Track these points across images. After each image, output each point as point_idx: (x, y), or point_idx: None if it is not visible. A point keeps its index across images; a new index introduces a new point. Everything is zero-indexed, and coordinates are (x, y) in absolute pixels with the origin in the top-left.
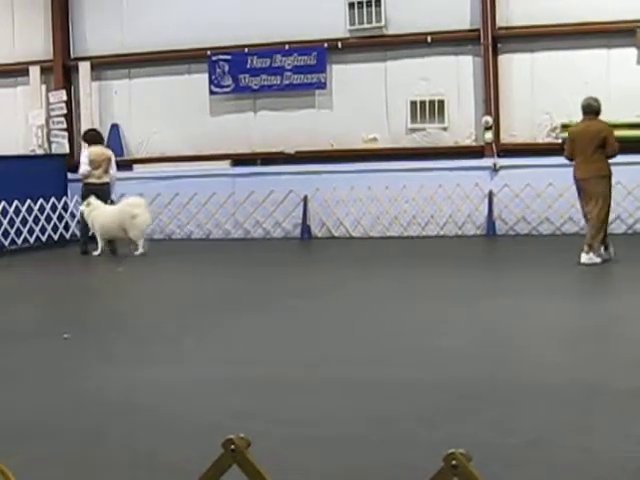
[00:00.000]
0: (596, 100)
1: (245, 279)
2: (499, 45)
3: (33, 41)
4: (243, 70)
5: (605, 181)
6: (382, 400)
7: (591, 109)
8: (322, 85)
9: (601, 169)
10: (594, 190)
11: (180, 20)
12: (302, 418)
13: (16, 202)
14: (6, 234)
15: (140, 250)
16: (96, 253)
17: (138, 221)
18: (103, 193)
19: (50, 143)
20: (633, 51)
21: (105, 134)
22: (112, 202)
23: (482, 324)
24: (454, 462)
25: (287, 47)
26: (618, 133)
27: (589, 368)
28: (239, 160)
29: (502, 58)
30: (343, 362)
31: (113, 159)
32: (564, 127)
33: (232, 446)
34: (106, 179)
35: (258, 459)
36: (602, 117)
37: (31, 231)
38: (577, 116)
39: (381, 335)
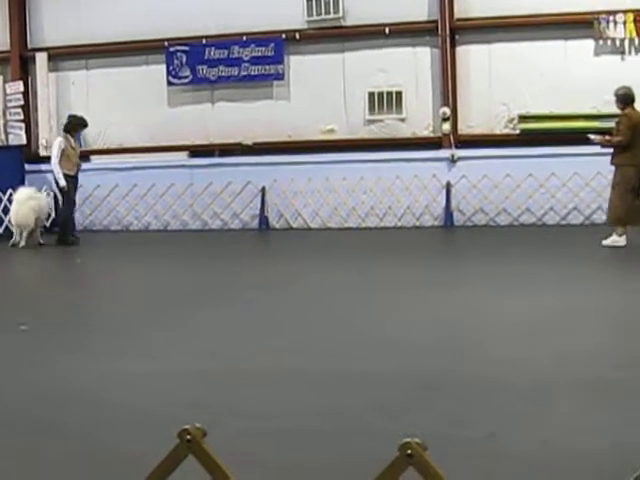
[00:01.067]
0: (630, 88)
1: (203, 271)
2: (457, 37)
3: None
4: (201, 61)
5: None
6: (340, 392)
7: (633, 98)
8: (280, 76)
9: None
10: None
11: (138, 11)
12: (260, 410)
13: None
14: None
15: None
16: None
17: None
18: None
19: (7, 134)
20: (590, 43)
21: (62, 126)
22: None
23: (440, 316)
24: (409, 451)
25: (245, 38)
26: (575, 125)
27: (544, 361)
28: (197, 151)
29: (460, 50)
30: (302, 354)
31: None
32: (521, 118)
33: (188, 436)
34: None
35: (215, 450)
36: (559, 108)
37: None
38: (534, 107)
39: (340, 327)
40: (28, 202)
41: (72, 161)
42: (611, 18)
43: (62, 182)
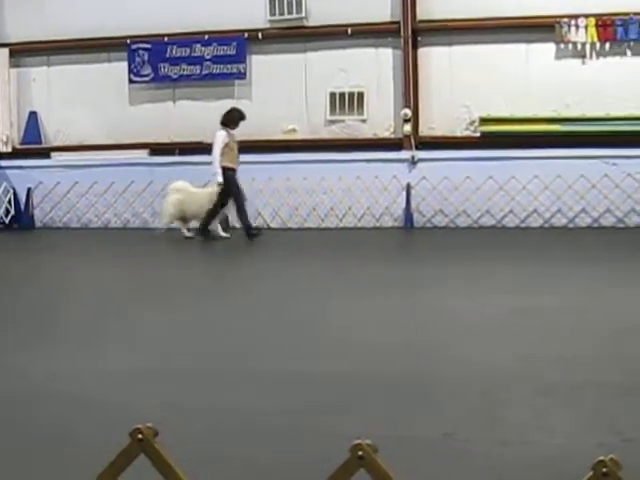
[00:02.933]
0: None
1: (165, 271)
2: (419, 38)
3: None
4: (163, 59)
5: None
6: (298, 392)
7: None
8: (242, 75)
9: None
10: None
11: (100, 8)
12: (217, 409)
13: None
14: None
15: None
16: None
17: None
18: None
19: None
20: (552, 46)
21: (23, 122)
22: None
23: (399, 316)
24: (360, 453)
25: (207, 37)
26: (536, 128)
27: (504, 361)
28: (158, 149)
29: (422, 51)
30: (262, 355)
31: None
32: (482, 121)
33: (139, 435)
34: None
35: (168, 449)
36: (520, 111)
37: None
38: (495, 110)
39: (297, 328)
40: (172, 195)
41: (234, 154)
42: (573, 22)
43: (220, 178)
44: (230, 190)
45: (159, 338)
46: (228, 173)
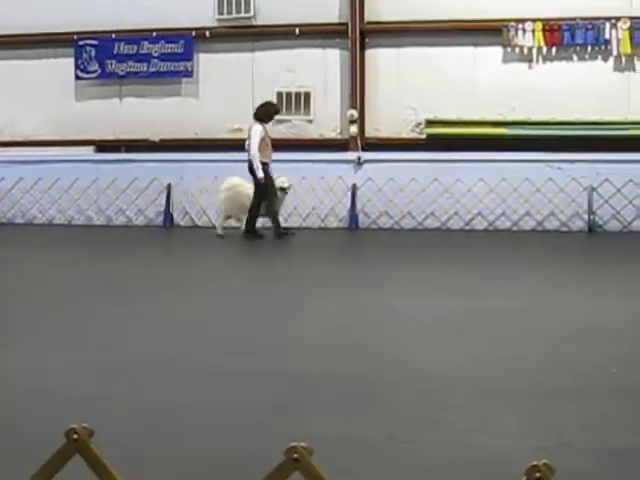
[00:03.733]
0: None
1: (107, 268)
2: (367, 40)
3: None
4: (110, 56)
5: None
6: (242, 390)
7: None
8: (189, 73)
9: None
10: None
11: (47, 3)
12: (154, 406)
13: None
14: None
15: None
16: None
17: None
18: None
19: None
20: (499, 50)
21: None
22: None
23: (347, 317)
24: (295, 455)
25: (155, 34)
26: (482, 131)
27: (449, 362)
28: (103, 146)
29: (369, 53)
30: (204, 352)
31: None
32: (429, 123)
33: (74, 435)
34: None
35: (104, 448)
36: (466, 114)
37: None
38: (442, 112)
39: (240, 326)
40: (225, 192)
41: (269, 149)
42: (520, 26)
43: (261, 173)
44: (268, 185)
45: (103, 333)
46: (265, 168)
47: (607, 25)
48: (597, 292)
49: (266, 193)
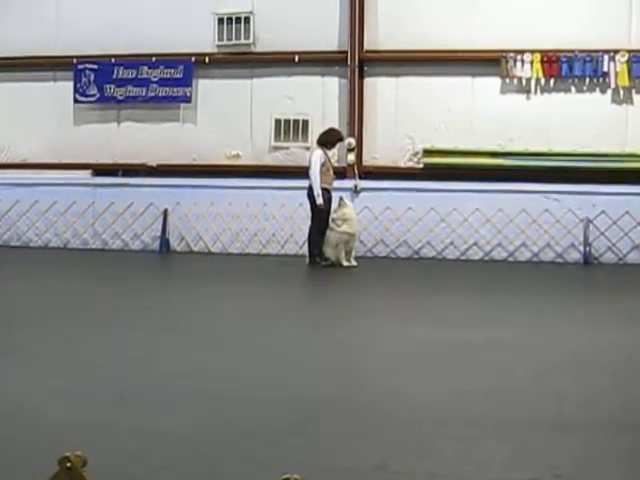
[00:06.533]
0: None
1: (102, 292)
2: (365, 68)
3: None
4: (109, 80)
5: None
6: (230, 418)
7: None
8: (187, 99)
9: None
10: None
11: (47, 27)
12: (143, 433)
13: None
14: None
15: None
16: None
17: None
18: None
19: None
20: (497, 81)
21: None
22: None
23: (336, 346)
24: None
25: (154, 59)
26: (479, 161)
27: (437, 394)
28: (101, 170)
29: (368, 81)
30: (191, 377)
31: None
32: (426, 152)
33: (68, 464)
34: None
35: (97, 477)
36: (463, 144)
37: None
38: (439, 142)
39: (226, 352)
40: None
41: (330, 175)
42: (518, 57)
43: (320, 200)
44: (328, 212)
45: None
46: (325, 195)
47: (605, 57)
48: (589, 323)
49: (327, 220)
